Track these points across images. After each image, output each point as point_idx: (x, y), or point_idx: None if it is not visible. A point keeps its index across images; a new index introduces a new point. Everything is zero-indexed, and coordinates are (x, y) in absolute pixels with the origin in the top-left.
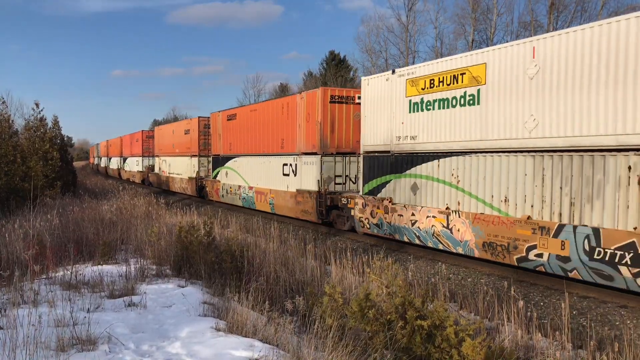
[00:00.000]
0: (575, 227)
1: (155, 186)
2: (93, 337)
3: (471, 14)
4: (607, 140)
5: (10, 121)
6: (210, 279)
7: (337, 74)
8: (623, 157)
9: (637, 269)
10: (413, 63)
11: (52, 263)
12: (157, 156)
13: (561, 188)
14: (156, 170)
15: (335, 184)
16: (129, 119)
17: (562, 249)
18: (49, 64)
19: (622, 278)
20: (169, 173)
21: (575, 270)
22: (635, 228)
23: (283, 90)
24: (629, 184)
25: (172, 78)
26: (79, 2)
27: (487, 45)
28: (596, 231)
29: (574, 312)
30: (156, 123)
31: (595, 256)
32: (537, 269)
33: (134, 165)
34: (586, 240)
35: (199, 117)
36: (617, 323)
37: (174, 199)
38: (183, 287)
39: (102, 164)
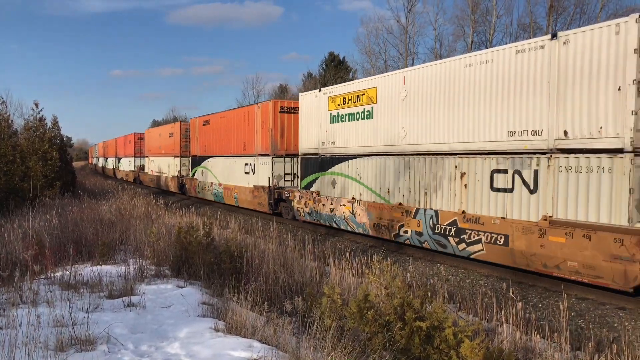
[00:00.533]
0: (425, 210)
1: (144, 184)
2: (92, 337)
3: (470, 15)
4: (444, 147)
5: (10, 121)
6: (209, 279)
7: (337, 75)
8: (452, 159)
9: (458, 239)
10: (413, 64)
11: (51, 263)
12: (147, 157)
13: (419, 182)
14: (146, 169)
15: (285, 180)
16: (129, 119)
17: (418, 227)
18: (49, 64)
19: (451, 246)
20: (156, 172)
21: (426, 242)
22: (459, 210)
23: (282, 91)
24: (455, 178)
25: (172, 78)
26: (80, 3)
27: (487, 47)
28: (436, 212)
29: (573, 314)
30: (155, 123)
31: (436, 231)
32: (405, 242)
33: (127, 165)
34: (431, 219)
35: (180, 121)
36: (615, 325)
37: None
38: (182, 287)
39: (100, 164)
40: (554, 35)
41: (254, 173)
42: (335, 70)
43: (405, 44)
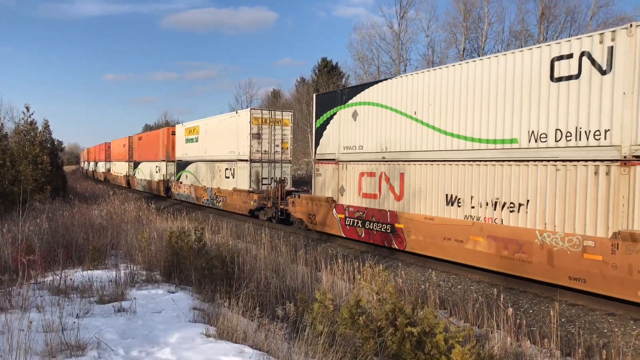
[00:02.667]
0: (210, 188)
1: (109, 182)
2: (82, 343)
3: (462, 22)
4: (219, 156)
5: (0, 125)
6: (201, 284)
7: (329, 81)
8: (222, 164)
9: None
10: (405, 71)
11: (41, 268)
12: (111, 161)
13: (210, 174)
14: (111, 171)
15: (171, 175)
16: (121, 123)
17: (205, 195)
18: (41, 67)
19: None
20: (116, 172)
21: (203, 203)
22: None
23: (275, 96)
24: (219, 173)
25: (165, 83)
26: (74, 6)
27: (478, 55)
28: (211, 189)
29: (563, 320)
30: (147, 127)
31: (210, 197)
32: (203, 205)
33: (101, 167)
34: (210, 191)
35: (167, 127)
36: (605, 331)
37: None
38: (173, 292)
39: (85, 167)
40: None
41: (158, 172)
42: (328, 76)
43: (397, 50)
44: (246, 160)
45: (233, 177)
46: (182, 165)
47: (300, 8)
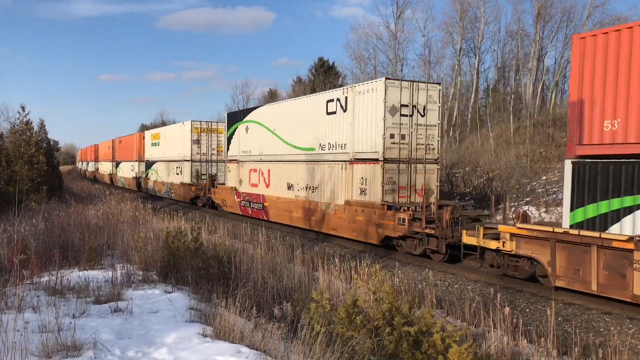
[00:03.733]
0: (165, 182)
1: (97, 179)
2: (78, 343)
3: (459, 22)
4: (174, 157)
5: None
6: (198, 284)
7: (326, 81)
8: (173, 163)
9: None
10: (402, 71)
11: (37, 268)
12: (99, 161)
13: (167, 171)
14: (99, 170)
15: (142, 173)
16: (117, 123)
17: (162, 188)
18: (37, 67)
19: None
20: (102, 171)
21: (162, 194)
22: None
23: (272, 96)
24: (158, 170)
25: (162, 83)
26: (71, 6)
27: (475, 54)
28: (170, 183)
29: (559, 319)
30: (144, 127)
31: (165, 188)
32: (162, 196)
33: (91, 167)
34: (166, 186)
35: (139, 133)
36: (601, 329)
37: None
38: (170, 292)
39: (79, 167)
40: None
41: (132, 170)
42: (325, 75)
43: (394, 50)
44: (189, 161)
45: (181, 174)
46: (149, 165)
47: (297, 8)
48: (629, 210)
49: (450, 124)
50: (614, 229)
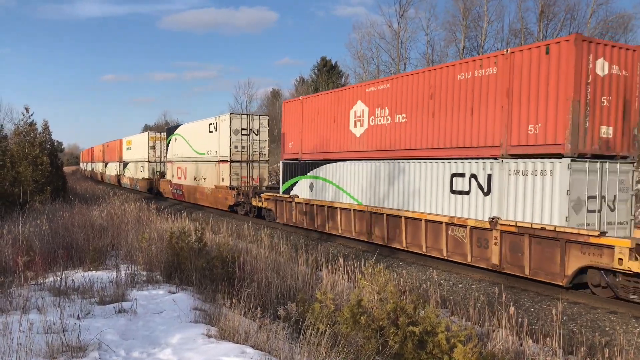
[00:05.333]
0: (135, 178)
1: (105, 181)
2: (83, 344)
3: (462, 21)
4: (139, 159)
5: (0, 126)
6: (202, 285)
7: (329, 80)
8: (146, 164)
9: (133, 184)
10: (405, 70)
11: (42, 269)
12: (93, 162)
13: (140, 170)
14: (95, 170)
15: (125, 171)
16: (120, 123)
17: (130, 182)
18: (41, 68)
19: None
20: (111, 172)
21: (133, 187)
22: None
23: (275, 96)
24: (141, 169)
25: (164, 83)
26: (75, 7)
27: (478, 53)
28: (137, 179)
29: (564, 318)
30: (146, 128)
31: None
32: (133, 188)
33: (90, 167)
34: (135, 180)
35: (120, 139)
36: (607, 329)
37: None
38: (174, 293)
39: (86, 168)
40: None
41: (115, 169)
42: (328, 75)
43: (397, 49)
44: (147, 161)
45: (143, 171)
46: (125, 165)
47: (299, 7)
48: (296, 183)
49: None
50: (293, 191)
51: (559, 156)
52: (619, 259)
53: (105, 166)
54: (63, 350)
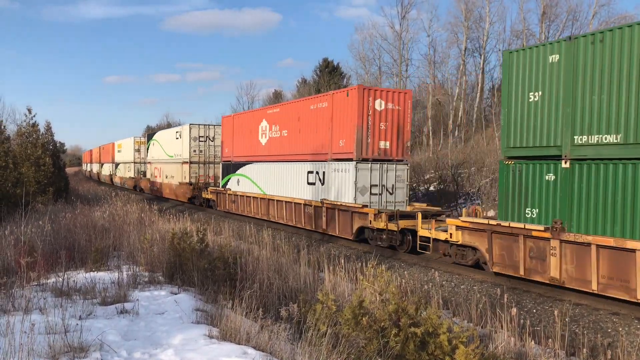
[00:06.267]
0: (124, 177)
1: (102, 181)
2: (85, 345)
3: (464, 22)
4: (126, 160)
5: (2, 127)
6: (203, 285)
7: (331, 81)
8: (131, 165)
9: (122, 182)
10: (407, 71)
11: (44, 270)
12: (101, 163)
13: (126, 170)
14: (92, 170)
15: (116, 170)
16: (123, 125)
17: (117, 179)
18: (43, 70)
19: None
20: (106, 172)
21: (122, 185)
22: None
23: (277, 97)
24: (129, 170)
25: (167, 84)
26: (79, 9)
27: (480, 54)
28: (124, 177)
29: (567, 320)
30: (149, 129)
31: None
32: (122, 186)
33: (89, 167)
34: (123, 179)
35: (113, 142)
36: (609, 330)
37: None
38: (176, 294)
39: (87, 169)
40: None
41: (109, 169)
42: (329, 76)
43: (399, 50)
44: (132, 162)
45: (130, 171)
46: (116, 165)
47: (303, 9)
48: (229, 179)
49: (456, 124)
50: (228, 185)
51: (351, 160)
52: (370, 220)
53: (102, 167)
54: (65, 350)
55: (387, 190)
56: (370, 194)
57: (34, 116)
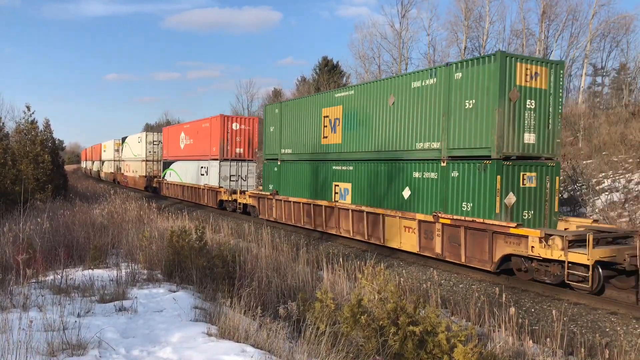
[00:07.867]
0: (111, 172)
1: (93, 176)
2: (83, 342)
3: (464, 21)
4: (110, 158)
5: (1, 124)
6: (202, 283)
7: (330, 80)
8: (121, 163)
9: (105, 177)
10: (406, 69)
11: (42, 267)
12: (92, 161)
13: (108, 166)
14: (88, 167)
15: (103, 168)
16: (122, 122)
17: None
18: (43, 67)
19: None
20: (95, 168)
21: (114, 180)
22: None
23: (276, 96)
24: (119, 169)
25: (167, 83)
26: (80, 7)
27: (479, 53)
28: (110, 172)
29: (565, 319)
30: (148, 127)
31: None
32: (111, 180)
33: (87, 165)
34: (109, 174)
35: (100, 143)
36: (607, 330)
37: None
38: (174, 291)
39: (84, 166)
40: None
41: (97, 166)
42: (329, 75)
43: (399, 49)
44: (112, 160)
45: (111, 168)
46: (102, 162)
47: (303, 8)
48: (167, 172)
49: None
50: (166, 176)
51: (217, 159)
52: (241, 199)
53: (92, 164)
54: (63, 348)
55: (241, 178)
56: (230, 180)
57: (33, 113)
